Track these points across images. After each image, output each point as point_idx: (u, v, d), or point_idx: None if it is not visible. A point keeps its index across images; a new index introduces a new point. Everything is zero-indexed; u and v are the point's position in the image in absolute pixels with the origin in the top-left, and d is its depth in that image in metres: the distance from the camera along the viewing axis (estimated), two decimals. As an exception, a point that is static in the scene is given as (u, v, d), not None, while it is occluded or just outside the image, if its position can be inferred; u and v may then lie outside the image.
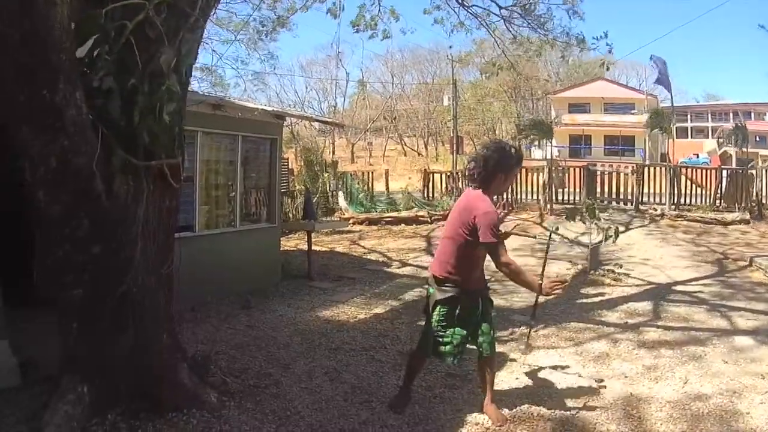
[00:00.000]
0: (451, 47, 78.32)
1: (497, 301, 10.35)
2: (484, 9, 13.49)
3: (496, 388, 6.05)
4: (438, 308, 5.57)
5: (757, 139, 62.30)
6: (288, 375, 6.78)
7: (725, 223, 21.79)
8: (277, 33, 17.11)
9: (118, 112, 4.82)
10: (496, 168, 5.40)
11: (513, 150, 5.64)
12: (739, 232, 20.55)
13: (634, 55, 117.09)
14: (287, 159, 28.56)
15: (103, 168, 4.79)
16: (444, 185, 29.24)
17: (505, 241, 5.56)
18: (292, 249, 16.44)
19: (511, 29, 14.09)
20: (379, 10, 13.45)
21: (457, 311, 5.55)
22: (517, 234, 6.26)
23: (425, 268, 14.21)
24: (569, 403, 6.11)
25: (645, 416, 5.82)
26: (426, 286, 5.86)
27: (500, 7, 13.38)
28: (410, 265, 14.96)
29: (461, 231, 5.39)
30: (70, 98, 4.35)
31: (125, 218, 5.03)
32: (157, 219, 5.42)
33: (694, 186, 26.92)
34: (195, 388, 5.59)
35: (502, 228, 5.65)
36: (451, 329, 5.58)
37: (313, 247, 13.87)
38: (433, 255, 16.19)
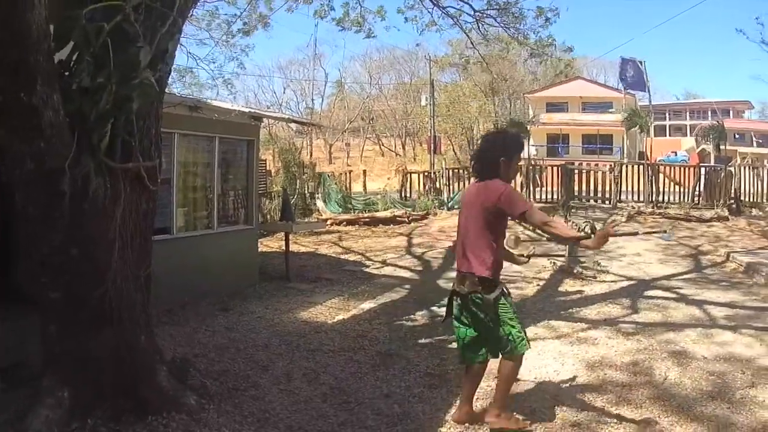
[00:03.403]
0: (418, 45, 78.81)
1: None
2: (458, 9, 13.56)
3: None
4: (499, 304, 5.34)
5: (736, 136, 62.94)
6: (267, 377, 6.78)
7: (704, 220, 21.94)
8: (254, 30, 17.11)
9: (95, 114, 4.80)
10: (496, 154, 5.30)
11: (509, 134, 5.63)
12: (717, 229, 20.74)
13: (612, 54, 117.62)
14: (265, 160, 28.53)
15: (80, 170, 4.77)
16: (422, 185, 29.27)
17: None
18: (270, 251, 16.40)
19: (482, 29, 14.18)
20: (361, 10, 13.56)
21: (509, 299, 5.45)
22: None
23: (404, 268, 14.28)
24: (546, 402, 6.13)
25: (624, 413, 5.84)
26: (462, 289, 5.45)
27: (474, 10, 13.45)
28: (389, 265, 14.97)
29: (492, 220, 5.28)
30: (48, 100, 4.34)
31: (102, 220, 5.02)
32: (135, 221, 5.41)
33: (672, 183, 27.15)
34: (174, 391, 5.57)
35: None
36: (517, 318, 5.44)
37: (292, 249, 13.85)
38: (411, 255, 16.31)
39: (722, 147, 34.89)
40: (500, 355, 5.48)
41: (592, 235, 5.30)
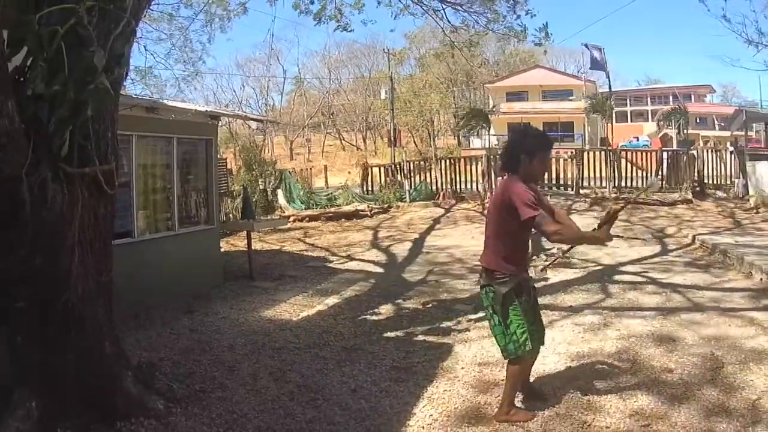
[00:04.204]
0: (392, 31, 79.29)
1: (442, 295, 10.49)
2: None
3: (442, 379, 6.14)
4: (510, 302, 5.34)
5: (698, 120, 63.75)
6: (233, 377, 6.76)
7: (668, 204, 22.24)
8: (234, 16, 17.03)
9: (51, 119, 4.76)
10: (517, 150, 5.34)
11: (534, 131, 5.65)
12: (681, 212, 21.06)
13: (571, 42, 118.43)
14: (225, 159, 28.43)
15: (37, 177, 4.72)
16: (383, 179, 29.29)
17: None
18: (235, 249, 16.35)
19: (452, 18, 14.27)
20: (337, 2, 13.62)
21: (523, 298, 5.43)
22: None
23: (368, 262, 14.31)
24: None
25: (593, 401, 5.87)
26: (480, 282, 5.58)
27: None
28: (352, 259, 15.03)
29: (506, 216, 5.25)
30: (2, 108, 4.27)
31: (61, 227, 4.97)
32: (93, 226, 5.36)
33: (634, 168, 27.47)
34: (141, 396, 5.55)
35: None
36: (530, 319, 5.44)
37: (256, 247, 13.83)
38: (377, 249, 16.36)
39: (685, 131, 35.28)
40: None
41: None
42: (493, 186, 24.66)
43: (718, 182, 26.22)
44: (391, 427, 5.56)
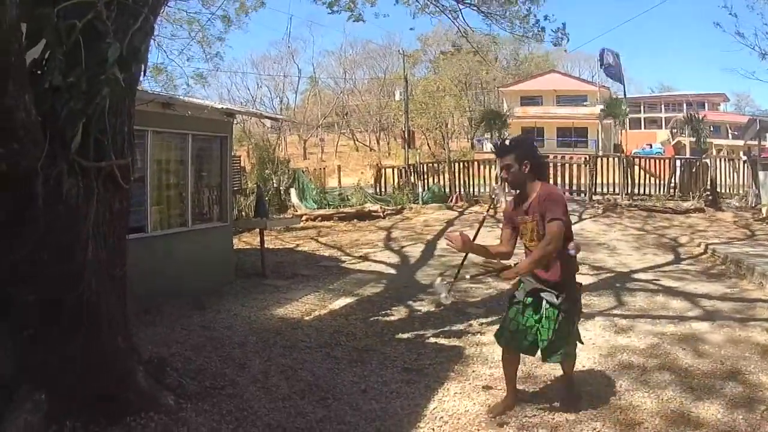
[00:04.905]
0: (412, 29, 79.52)
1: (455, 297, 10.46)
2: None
3: (453, 382, 6.17)
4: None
5: (712, 128, 63.45)
6: (244, 375, 6.75)
7: (680, 212, 22.17)
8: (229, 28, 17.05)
9: (67, 113, 4.75)
10: None
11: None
12: (694, 220, 20.96)
13: (587, 47, 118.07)
14: (239, 157, 28.46)
15: (53, 170, 4.71)
16: (396, 180, 29.28)
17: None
18: (248, 247, 16.36)
19: (469, 19, 14.26)
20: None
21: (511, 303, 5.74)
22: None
23: (381, 262, 14.30)
24: (521, 399, 6.12)
25: (602, 407, 5.84)
26: None
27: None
28: (365, 260, 15.00)
29: None
30: (20, 101, 4.27)
31: (76, 221, 4.96)
32: (108, 221, 5.35)
33: (647, 176, 27.39)
34: (152, 391, 5.54)
35: None
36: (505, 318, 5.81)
37: (267, 245, 13.82)
38: (390, 250, 16.36)
39: (705, 140, 34.97)
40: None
41: None
42: (507, 190, 24.65)
43: (732, 191, 26.12)
44: (402, 428, 5.55)
